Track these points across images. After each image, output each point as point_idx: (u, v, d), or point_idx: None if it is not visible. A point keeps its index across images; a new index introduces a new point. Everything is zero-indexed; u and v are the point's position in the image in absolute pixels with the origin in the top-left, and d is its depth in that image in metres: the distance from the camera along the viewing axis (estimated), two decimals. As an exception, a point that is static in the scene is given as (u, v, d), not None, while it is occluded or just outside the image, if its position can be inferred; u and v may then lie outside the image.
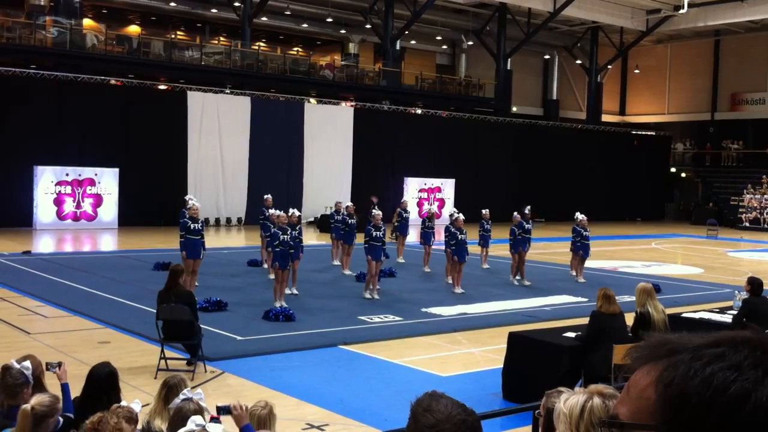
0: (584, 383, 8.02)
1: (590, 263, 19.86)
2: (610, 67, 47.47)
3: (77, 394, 5.46)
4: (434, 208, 30.51)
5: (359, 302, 15.04)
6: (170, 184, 28.75)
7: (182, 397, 4.78)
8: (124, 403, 4.56)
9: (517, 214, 18.82)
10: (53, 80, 27.92)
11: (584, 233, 18.66)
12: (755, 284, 9.83)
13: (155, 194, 28.56)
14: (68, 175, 27.43)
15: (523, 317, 13.99)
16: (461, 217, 17.12)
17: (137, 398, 5.07)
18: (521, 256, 18.26)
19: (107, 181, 28.10)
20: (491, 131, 38.70)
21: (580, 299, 15.98)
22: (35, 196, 26.90)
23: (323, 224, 28.60)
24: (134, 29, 38.10)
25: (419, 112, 38.30)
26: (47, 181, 27.08)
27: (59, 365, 5.59)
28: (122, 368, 9.02)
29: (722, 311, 11.08)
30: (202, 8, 37.97)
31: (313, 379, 9.77)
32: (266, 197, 19.12)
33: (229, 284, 16.48)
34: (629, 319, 8.90)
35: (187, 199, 16.69)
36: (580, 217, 18.75)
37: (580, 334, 8.83)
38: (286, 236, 14.20)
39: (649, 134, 47.01)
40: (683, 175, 48.02)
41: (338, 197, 25.09)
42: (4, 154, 26.26)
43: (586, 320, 8.97)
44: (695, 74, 48.27)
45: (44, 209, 27.13)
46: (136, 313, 13.17)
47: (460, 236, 16.68)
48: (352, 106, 35.15)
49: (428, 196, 35.85)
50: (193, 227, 14.87)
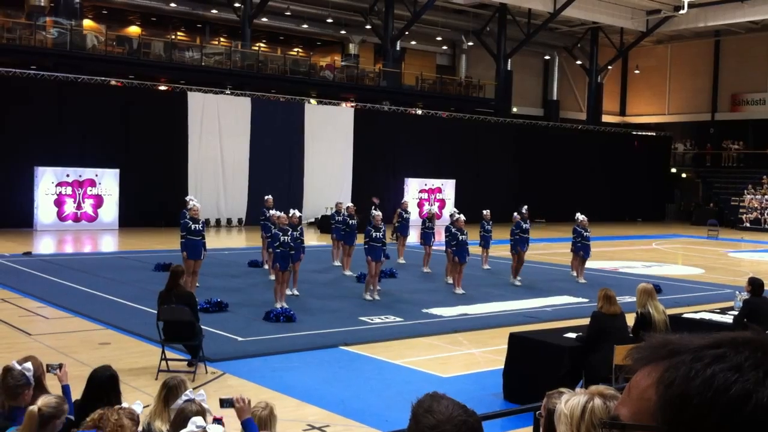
0: (585, 384, 8.02)
1: (591, 264, 19.86)
2: (610, 67, 47.49)
3: (77, 395, 5.46)
4: (435, 208, 30.48)
5: (360, 303, 15.04)
6: (171, 184, 28.75)
7: (184, 398, 4.79)
8: (125, 404, 4.56)
9: (516, 215, 18.84)
10: (53, 81, 27.92)
11: (585, 234, 18.66)
12: (756, 285, 9.83)
13: (156, 195, 28.57)
14: (69, 176, 27.44)
15: (523, 318, 13.99)
16: (462, 217, 17.13)
17: (138, 399, 5.08)
18: (520, 256, 18.27)
19: (108, 181, 28.10)
20: (491, 132, 38.69)
21: (580, 300, 15.97)
22: (36, 197, 26.91)
23: (324, 225, 28.61)
24: (134, 30, 38.12)
25: (419, 112, 38.30)
26: (48, 181, 27.08)
27: (60, 367, 5.59)
28: (123, 369, 9.03)
29: (723, 312, 11.08)
30: (202, 9, 38.00)
31: (313, 379, 9.78)
32: (267, 198, 19.14)
33: (229, 285, 16.48)
34: (630, 319, 8.90)
35: (187, 199, 16.70)
36: (580, 217, 18.76)
37: (580, 334, 8.84)
38: (286, 237, 14.20)
39: (649, 135, 47.00)
40: (684, 175, 48.02)
41: (339, 198, 25.12)
42: (4, 154, 26.26)
43: (586, 321, 8.97)
44: (695, 75, 48.27)
45: (45, 210, 27.14)
46: (136, 314, 13.17)
47: (461, 237, 16.68)
48: (352, 106, 35.15)
49: (429, 196, 35.84)
50: (193, 228, 14.89)
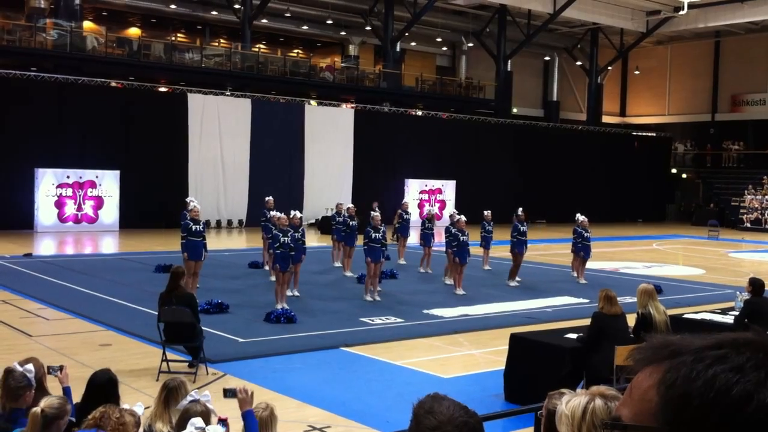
0: (586, 385, 8.01)
1: (591, 264, 19.86)
2: (610, 68, 47.49)
3: (78, 397, 5.46)
4: (434, 209, 30.48)
5: (360, 304, 15.03)
6: (171, 186, 28.75)
7: (189, 398, 4.80)
8: (126, 406, 4.57)
9: (515, 217, 18.86)
10: (54, 82, 27.91)
11: (585, 234, 18.66)
12: (756, 285, 9.82)
13: (156, 196, 28.56)
14: (69, 177, 27.44)
15: (524, 319, 13.99)
16: (463, 218, 17.12)
17: (139, 401, 5.08)
18: (516, 258, 18.27)
19: (108, 183, 28.10)
20: (491, 133, 38.68)
21: (581, 300, 15.97)
22: (36, 198, 26.92)
23: (324, 226, 28.60)
24: (134, 31, 38.14)
25: (419, 113, 38.30)
26: (48, 183, 27.08)
27: (61, 369, 5.59)
28: (124, 371, 9.04)
29: (724, 312, 11.08)
30: (202, 10, 38.00)
31: (314, 380, 9.77)
32: (267, 199, 19.15)
33: (230, 286, 16.47)
34: (631, 320, 8.89)
35: (188, 201, 16.71)
36: (581, 218, 18.76)
37: (581, 335, 8.83)
38: (286, 238, 14.20)
39: (649, 135, 46.98)
40: (684, 176, 48.00)
41: (339, 199, 25.11)
42: (4, 156, 26.26)
43: (587, 321, 8.96)
44: (695, 75, 48.26)
45: (45, 211, 27.14)
46: (137, 315, 13.17)
47: (462, 238, 16.67)
48: (352, 107, 35.15)
49: (429, 197, 35.84)
50: (194, 229, 14.89)
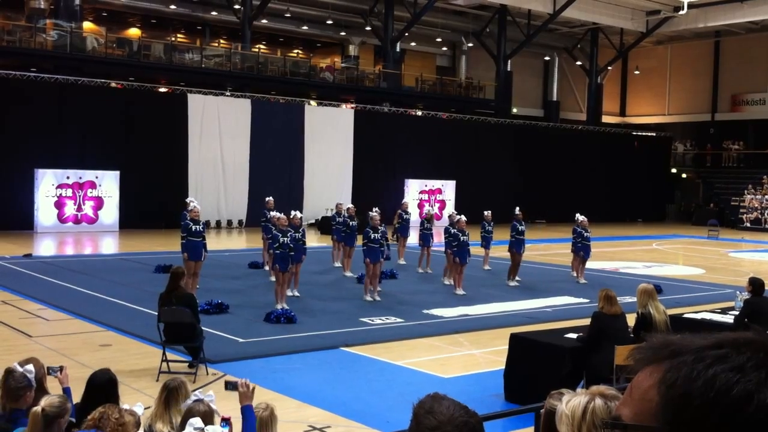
0: (586, 384, 8.01)
1: (591, 264, 19.86)
2: (610, 68, 47.49)
3: (78, 398, 5.45)
4: (434, 209, 30.47)
5: (360, 304, 15.03)
6: (171, 186, 28.75)
7: (194, 398, 4.82)
8: (126, 406, 4.57)
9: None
10: (54, 83, 27.91)
11: (585, 234, 18.66)
12: (756, 284, 9.82)
13: (156, 197, 28.56)
14: (69, 178, 27.44)
15: (524, 318, 13.99)
16: (463, 218, 17.11)
17: (139, 401, 5.08)
18: (514, 258, 18.27)
19: (108, 183, 28.10)
20: (491, 133, 38.68)
21: (581, 300, 15.97)
22: (36, 199, 26.91)
23: (324, 226, 28.60)
24: (134, 32, 38.14)
25: (419, 113, 38.29)
26: (48, 183, 27.08)
27: (61, 369, 5.59)
28: (124, 371, 9.04)
29: (724, 312, 11.08)
30: (202, 11, 38.01)
31: (314, 381, 9.78)
32: (268, 199, 19.17)
33: (230, 286, 16.47)
34: (631, 320, 8.89)
35: (188, 201, 16.72)
36: (580, 218, 18.76)
37: (581, 335, 8.83)
38: (286, 239, 14.20)
39: (649, 135, 46.98)
40: (684, 175, 48.00)
41: (339, 199, 25.09)
42: (4, 156, 26.25)
43: (587, 321, 8.96)
44: (695, 75, 48.26)
45: (45, 212, 27.14)
46: (137, 315, 13.17)
47: (462, 238, 16.67)
48: (352, 108, 35.14)
49: (429, 197, 35.83)
50: (194, 229, 14.90)
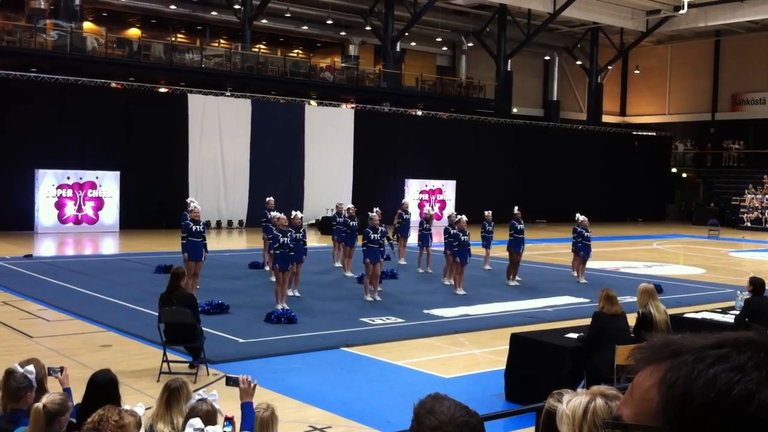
0: (587, 384, 8.01)
1: (591, 264, 19.85)
2: (610, 67, 47.48)
3: (79, 398, 5.45)
4: (433, 209, 30.46)
5: (361, 304, 15.03)
6: (171, 186, 28.75)
7: (197, 397, 4.83)
8: (126, 406, 4.57)
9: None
10: (54, 83, 27.91)
11: (585, 234, 18.65)
12: (757, 284, 9.82)
13: (156, 197, 28.57)
14: (69, 178, 27.44)
15: (524, 318, 13.99)
16: (464, 218, 17.10)
17: (140, 402, 5.08)
18: (512, 257, 18.27)
19: (108, 184, 28.10)
20: (492, 132, 38.67)
21: (581, 300, 15.97)
22: (36, 199, 26.91)
23: (324, 226, 28.61)
24: (134, 32, 38.14)
25: (420, 113, 38.29)
26: (48, 184, 27.08)
27: (61, 370, 5.59)
28: (124, 371, 9.04)
29: (724, 311, 11.07)
30: (202, 11, 38.02)
31: (315, 381, 9.77)
32: (268, 200, 19.17)
33: (230, 287, 16.47)
34: (631, 319, 8.89)
35: (188, 201, 16.73)
36: (581, 218, 18.76)
37: (582, 335, 8.83)
38: (286, 239, 14.21)
39: (649, 135, 46.97)
40: (684, 175, 47.99)
41: (339, 199, 25.11)
42: (5, 157, 26.26)
43: (588, 321, 8.97)
44: (696, 75, 48.25)
45: (45, 212, 27.14)
46: (138, 316, 13.17)
47: (463, 238, 16.66)
48: (352, 107, 35.14)
49: (429, 197, 35.82)
50: (194, 229, 14.91)
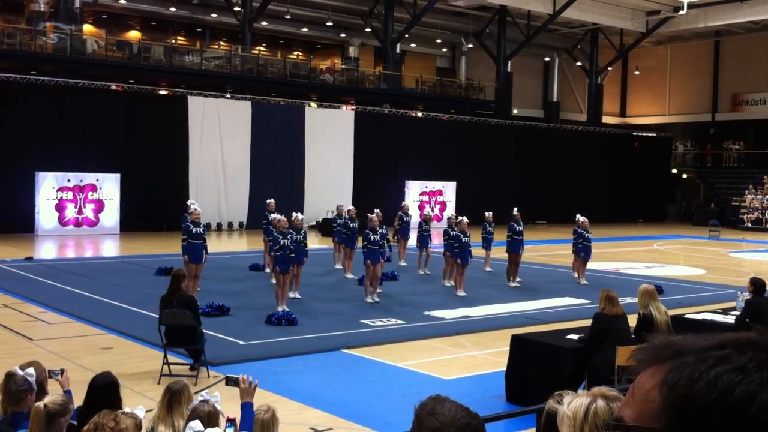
0: (588, 385, 8.01)
1: (592, 265, 19.84)
2: (610, 68, 47.47)
3: (79, 401, 5.45)
4: (432, 211, 30.43)
5: (361, 306, 15.03)
6: (171, 189, 28.74)
7: (200, 398, 4.83)
8: (127, 409, 4.57)
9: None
10: (54, 86, 27.92)
11: (586, 235, 18.65)
12: (758, 285, 9.82)
13: (157, 199, 28.57)
14: (70, 180, 27.44)
15: (525, 319, 13.99)
16: (465, 220, 17.10)
17: (141, 404, 5.08)
18: (511, 258, 18.27)
19: (109, 186, 28.11)
20: (492, 133, 38.67)
21: (582, 301, 15.97)
22: (37, 202, 26.92)
23: (325, 228, 28.60)
24: (134, 34, 38.17)
25: (420, 115, 38.28)
26: (48, 187, 27.08)
27: (61, 372, 5.58)
28: (125, 374, 9.03)
29: (725, 312, 11.07)
30: (202, 13, 38.04)
31: (316, 383, 9.77)
32: (269, 202, 19.18)
33: (231, 289, 16.47)
34: (632, 320, 8.89)
35: (188, 203, 16.73)
36: (581, 219, 18.75)
37: (582, 336, 8.83)
38: (286, 241, 14.21)
39: (649, 135, 46.97)
40: (684, 176, 47.99)
41: (339, 201, 25.08)
42: (5, 159, 26.26)
43: (588, 322, 8.96)
44: (696, 75, 48.26)
45: (46, 215, 27.14)
46: (138, 318, 13.17)
47: (463, 239, 16.65)
48: (352, 109, 35.15)
49: (429, 199, 35.82)
50: (195, 231, 14.93)
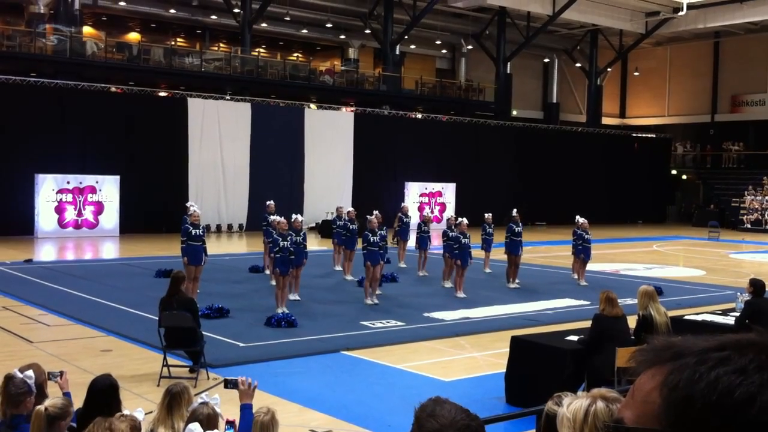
0: (587, 387, 8.00)
1: (592, 266, 19.85)
2: (609, 69, 47.48)
3: (79, 403, 5.45)
4: (432, 212, 30.42)
5: (361, 307, 15.02)
6: (171, 190, 28.73)
7: (200, 400, 4.83)
8: (126, 411, 4.56)
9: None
10: (54, 88, 27.92)
11: (585, 236, 18.65)
12: (757, 286, 9.82)
13: (156, 201, 28.55)
14: (69, 182, 27.42)
15: (525, 321, 13.98)
16: (465, 221, 17.10)
17: (140, 406, 5.07)
18: (511, 260, 18.27)
19: (108, 188, 28.10)
20: (492, 135, 38.67)
21: (582, 302, 15.97)
22: (36, 204, 26.90)
23: (325, 230, 28.59)
24: (134, 36, 38.19)
25: (419, 116, 38.28)
26: (48, 189, 27.07)
27: (61, 374, 5.58)
28: (125, 376, 9.03)
29: (725, 313, 11.07)
30: (201, 15, 38.05)
31: (315, 385, 9.76)
32: (269, 203, 19.15)
33: (230, 291, 16.46)
34: (632, 321, 8.89)
35: (188, 205, 16.73)
36: (581, 220, 18.75)
37: (582, 337, 8.82)
38: (286, 242, 14.20)
39: (649, 136, 46.98)
40: (684, 177, 48.00)
41: (339, 202, 25.08)
42: (5, 161, 26.24)
43: (588, 323, 8.96)
44: (695, 76, 48.27)
45: (45, 217, 27.13)
46: (138, 320, 13.16)
47: (463, 240, 16.65)
48: (352, 111, 35.15)
49: (429, 200, 35.82)
50: (194, 233, 14.92)
